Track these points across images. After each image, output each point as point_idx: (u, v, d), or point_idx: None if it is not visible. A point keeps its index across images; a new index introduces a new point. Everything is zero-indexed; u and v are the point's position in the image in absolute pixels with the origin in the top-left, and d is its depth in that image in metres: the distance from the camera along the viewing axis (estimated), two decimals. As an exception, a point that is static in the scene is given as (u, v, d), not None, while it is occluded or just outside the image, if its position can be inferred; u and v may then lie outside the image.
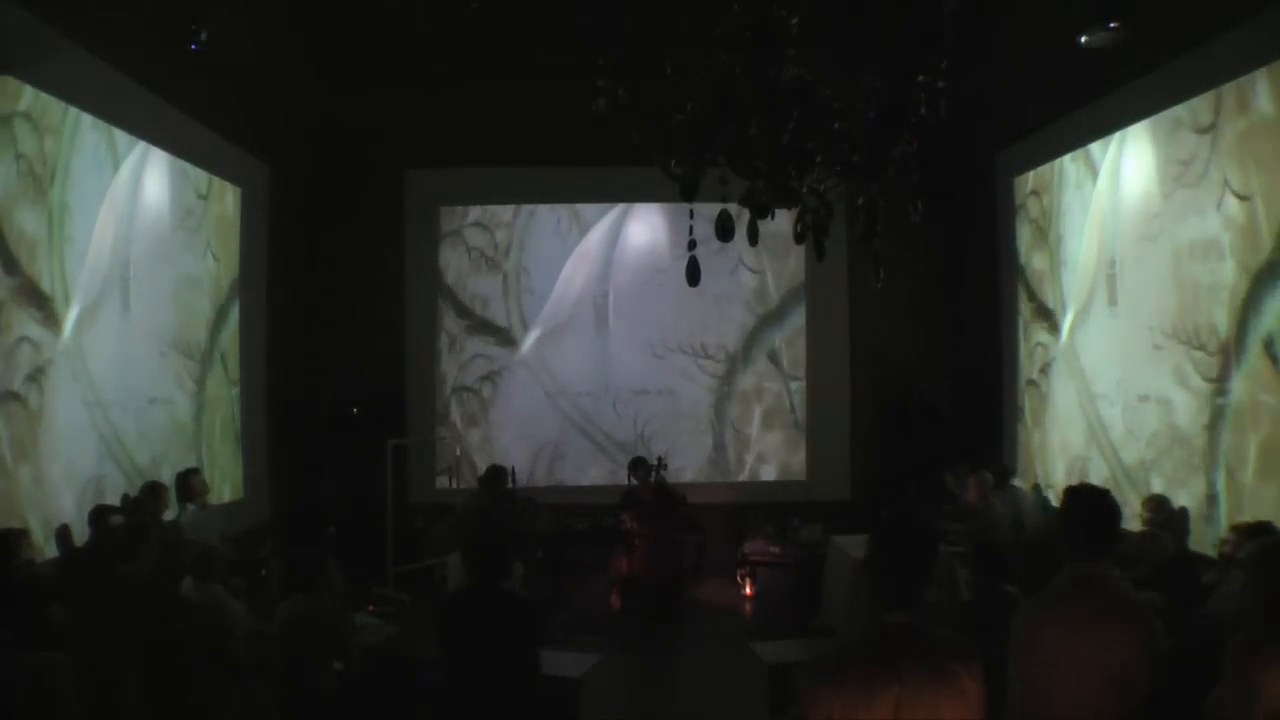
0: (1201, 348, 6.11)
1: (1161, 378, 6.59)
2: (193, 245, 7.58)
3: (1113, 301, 7.22)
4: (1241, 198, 5.65)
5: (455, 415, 9.79)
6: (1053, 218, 8.20)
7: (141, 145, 6.69)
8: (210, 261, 7.88)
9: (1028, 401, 8.76)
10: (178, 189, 7.32)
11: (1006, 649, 2.73)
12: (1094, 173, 7.45)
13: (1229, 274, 5.82)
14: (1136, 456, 6.91)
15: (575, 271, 9.87)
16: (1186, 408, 6.32)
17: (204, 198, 7.81)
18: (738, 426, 9.87)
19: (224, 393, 8.10)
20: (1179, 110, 6.27)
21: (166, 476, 6.28)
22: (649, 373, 9.80)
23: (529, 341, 9.84)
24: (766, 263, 9.85)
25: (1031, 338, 8.70)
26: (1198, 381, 6.19)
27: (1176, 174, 6.31)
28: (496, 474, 7.82)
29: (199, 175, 7.72)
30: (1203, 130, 6.01)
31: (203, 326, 7.68)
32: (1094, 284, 7.51)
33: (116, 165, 6.42)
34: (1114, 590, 2.76)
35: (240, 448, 8.33)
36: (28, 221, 5.35)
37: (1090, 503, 2.84)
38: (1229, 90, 5.73)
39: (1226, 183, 5.78)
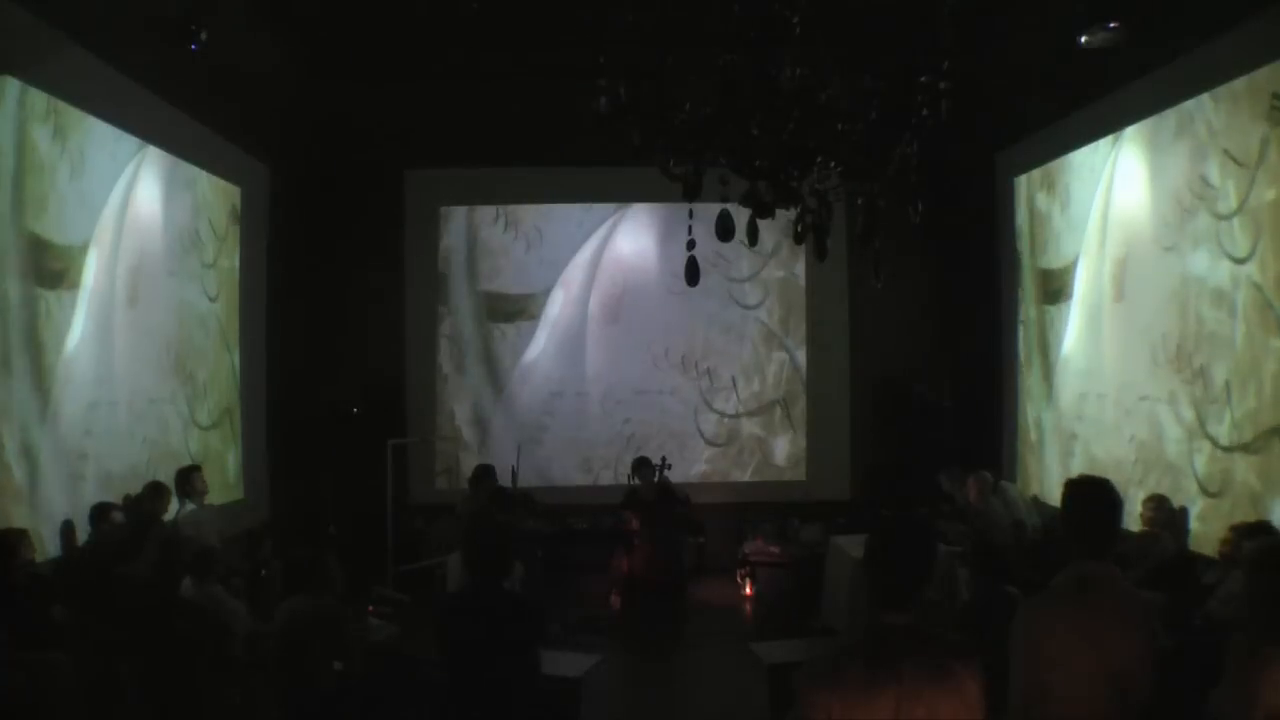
0: (1206, 398, 6.01)
1: (1157, 394, 6.57)
2: (201, 278, 7.72)
3: (1118, 298, 7.17)
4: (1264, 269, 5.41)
5: (454, 414, 9.79)
6: (1056, 195, 8.15)
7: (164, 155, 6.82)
8: (220, 306, 8.03)
9: (1028, 400, 8.76)
10: (191, 216, 7.49)
11: (1006, 649, 2.73)
12: (1105, 162, 7.31)
13: (1238, 338, 5.66)
14: (1127, 463, 6.92)
15: (579, 271, 9.86)
16: (1177, 441, 6.31)
17: (221, 240, 7.97)
18: (737, 428, 9.87)
19: (225, 400, 8.12)
20: (1215, 119, 5.89)
21: (162, 476, 6.26)
22: (647, 379, 9.78)
23: (532, 338, 9.84)
24: (779, 308, 9.89)
25: (1032, 334, 8.70)
26: (1190, 419, 6.16)
27: (1202, 193, 6.03)
28: (485, 473, 7.81)
29: (217, 214, 7.88)
30: (1242, 165, 5.59)
31: (204, 360, 7.72)
32: (1099, 273, 7.45)
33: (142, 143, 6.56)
34: (1116, 590, 2.74)
35: (240, 448, 8.33)
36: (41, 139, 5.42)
37: (1093, 494, 2.80)
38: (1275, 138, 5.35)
39: (1257, 244, 5.45)
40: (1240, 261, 5.63)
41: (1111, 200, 7.23)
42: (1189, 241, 6.17)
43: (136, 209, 6.63)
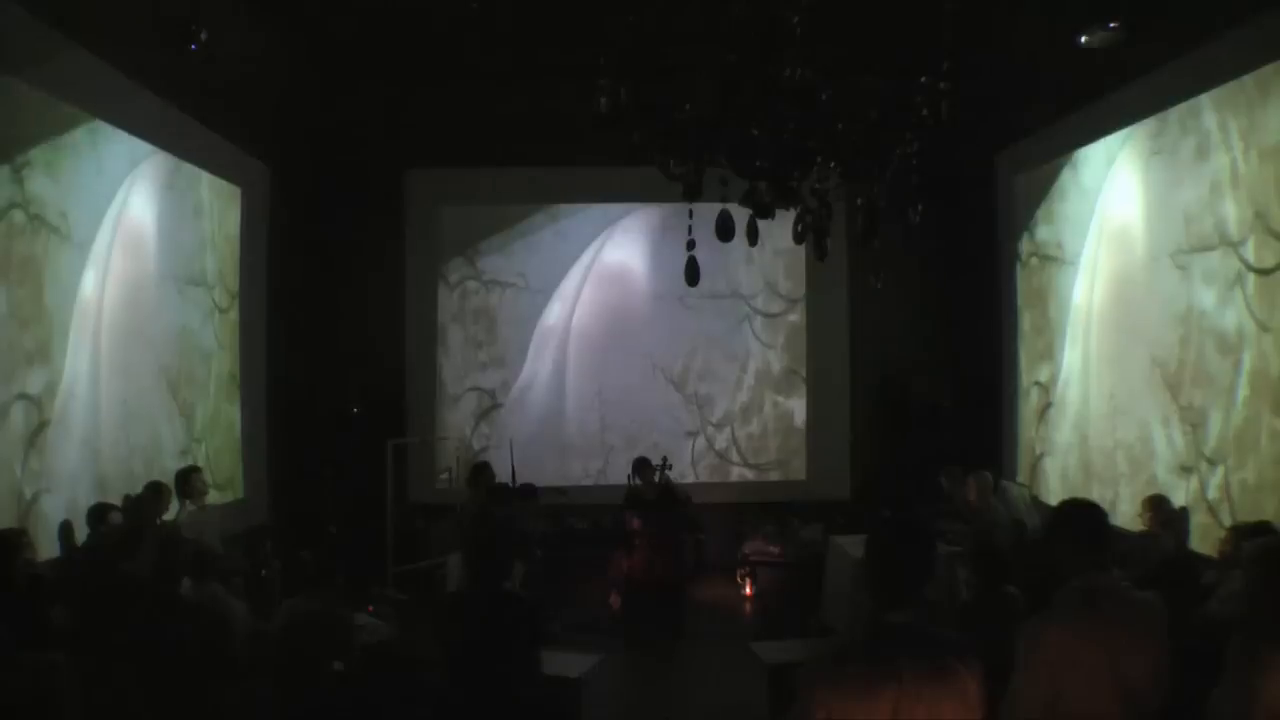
0: (1200, 445, 5.94)
1: (1152, 407, 6.53)
2: (213, 320, 7.83)
3: (1119, 301, 7.13)
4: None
5: (454, 414, 9.79)
6: (1059, 192, 8.12)
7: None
8: (227, 354, 8.11)
9: (1028, 402, 8.75)
10: (196, 248, 7.58)
11: (1007, 650, 2.73)
12: (1113, 158, 7.20)
13: (1239, 398, 5.52)
14: (1119, 464, 6.94)
15: (579, 273, 9.85)
16: (1167, 469, 6.28)
17: (234, 296, 8.14)
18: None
19: (225, 398, 8.12)
20: (1244, 164, 5.56)
21: (160, 475, 6.24)
22: (647, 389, 9.78)
23: (531, 338, 9.84)
24: (788, 355, 9.91)
25: (1033, 335, 8.70)
26: (1183, 452, 6.12)
27: (1221, 233, 5.76)
28: (482, 469, 7.82)
29: (228, 260, 8.02)
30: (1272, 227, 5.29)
31: (202, 394, 7.70)
32: (1100, 270, 7.41)
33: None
34: (1126, 600, 2.73)
35: (240, 448, 8.33)
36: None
37: (1081, 515, 2.83)
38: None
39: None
40: (1265, 329, 5.40)
41: (1122, 201, 7.09)
42: (1200, 272, 5.99)
43: (135, 220, 6.62)
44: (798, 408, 9.90)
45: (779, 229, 3.57)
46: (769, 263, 9.81)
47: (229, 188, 8.16)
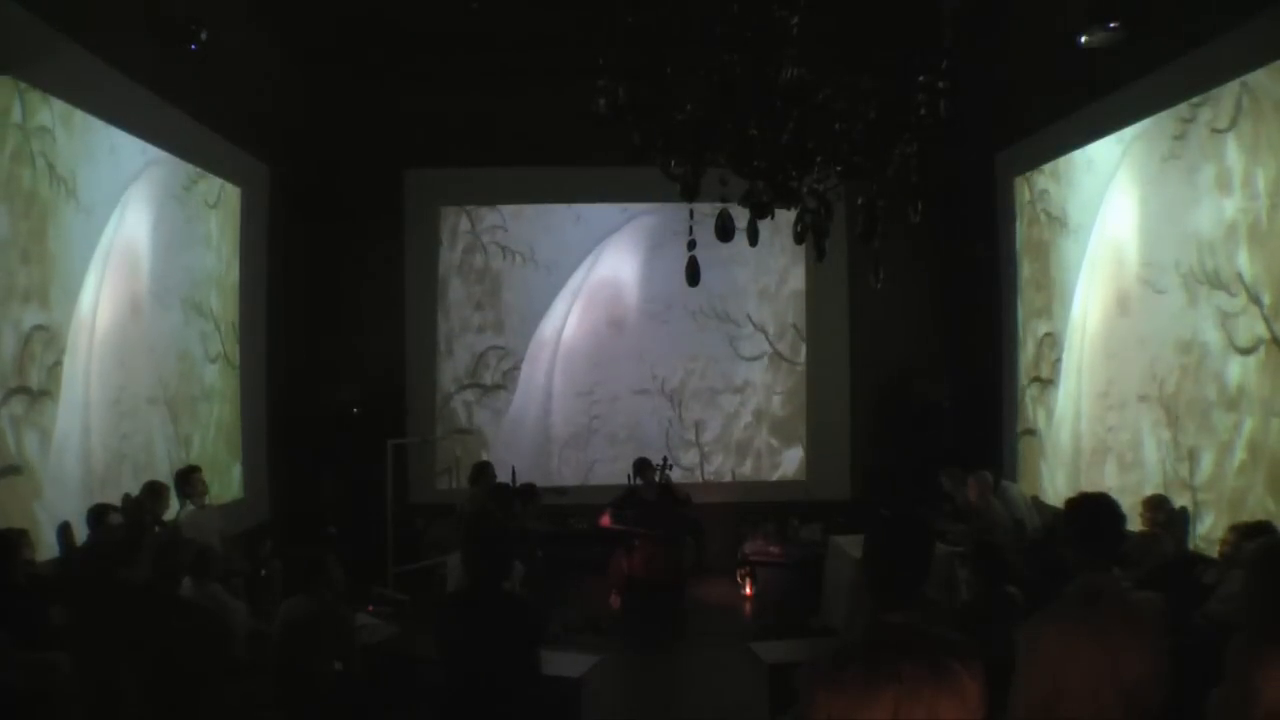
0: (1191, 486, 5.90)
1: (1147, 421, 6.49)
2: (220, 368, 7.88)
3: (1123, 310, 7.08)
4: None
5: (454, 414, 9.79)
6: (1063, 212, 8.07)
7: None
8: (228, 405, 8.11)
9: (1028, 400, 8.75)
10: (202, 281, 7.63)
11: (1007, 650, 2.72)
12: (1119, 162, 7.11)
13: (1236, 459, 5.44)
14: (1114, 468, 6.93)
15: (580, 279, 9.84)
16: (1155, 488, 6.24)
17: (235, 349, 8.19)
18: (740, 433, 9.87)
19: (227, 394, 8.12)
20: (1264, 215, 5.37)
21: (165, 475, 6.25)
22: (644, 399, 9.77)
23: (532, 340, 9.84)
24: (788, 398, 9.87)
25: (1033, 335, 8.69)
26: (1174, 479, 6.09)
27: (1234, 278, 5.52)
28: (484, 469, 7.83)
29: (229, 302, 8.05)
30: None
31: (197, 423, 7.66)
32: (1103, 274, 7.38)
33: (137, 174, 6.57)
34: (1128, 600, 2.72)
35: (240, 448, 8.33)
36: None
37: (1097, 510, 2.81)
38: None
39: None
40: (1273, 410, 5.27)
41: (1130, 200, 6.98)
42: (1211, 310, 5.87)
43: (139, 223, 6.62)
44: (793, 457, 9.84)
45: (793, 270, 3.56)
46: (784, 303, 9.79)
47: (235, 229, 8.20)
